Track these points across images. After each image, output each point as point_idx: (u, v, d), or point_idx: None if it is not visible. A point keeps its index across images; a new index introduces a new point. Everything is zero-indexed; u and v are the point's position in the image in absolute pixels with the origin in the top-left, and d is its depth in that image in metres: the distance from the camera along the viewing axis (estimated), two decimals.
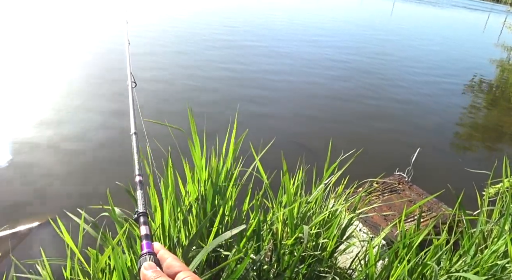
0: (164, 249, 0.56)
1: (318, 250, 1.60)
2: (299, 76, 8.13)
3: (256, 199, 1.57)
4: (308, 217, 1.78)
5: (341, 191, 2.02)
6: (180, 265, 0.52)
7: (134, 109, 1.02)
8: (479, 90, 9.32)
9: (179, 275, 0.50)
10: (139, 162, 0.81)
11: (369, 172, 2.36)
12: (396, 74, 9.34)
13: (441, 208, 2.49)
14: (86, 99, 5.59)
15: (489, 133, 6.49)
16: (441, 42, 16.10)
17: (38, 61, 7.11)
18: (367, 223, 2.24)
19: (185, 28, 11.57)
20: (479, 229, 1.88)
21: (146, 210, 0.63)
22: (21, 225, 3.01)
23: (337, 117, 6.14)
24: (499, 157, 2.49)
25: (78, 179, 3.72)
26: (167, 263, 0.53)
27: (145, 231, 0.58)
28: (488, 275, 1.59)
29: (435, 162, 4.88)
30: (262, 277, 1.51)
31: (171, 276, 0.50)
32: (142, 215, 0.61)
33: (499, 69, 12.56)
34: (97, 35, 9.51)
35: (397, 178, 2.86)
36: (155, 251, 0.55)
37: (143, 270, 0.51)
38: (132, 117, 0.99)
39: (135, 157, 0.82)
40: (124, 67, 1.51)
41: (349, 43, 13.05)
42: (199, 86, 6.65)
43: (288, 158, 1.75)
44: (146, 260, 0.52)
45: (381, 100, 7.28)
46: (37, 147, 4.16)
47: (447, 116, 6.90)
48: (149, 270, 0.50)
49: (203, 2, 18.06)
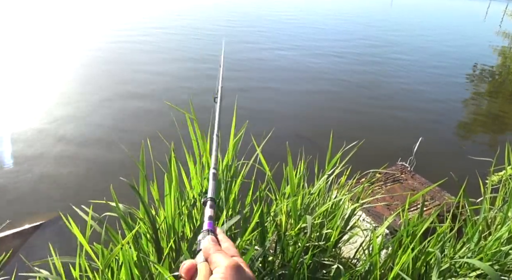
0: (223, 234, 0.60)
1: (322, 241, 1.61)
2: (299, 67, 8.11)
3: (259, 191, 1.58)
4: (312, 208, 1.79)
5: (343, 182, 2.03)
6: (236, 251, 0.55)
7: (220, 118, 1.22)
8: (481, 79, 9.27)
9: (233, 258, 0.52)
10: (216, 158, 0.93)
11: (372, 162, 2.36)
12: (396, 64, 9.29)
13: (444, 196, 2.49)
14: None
15: (492, 121, 6.46)
16: (441, 31, 15.99)
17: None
18: (370, 213, 2.25)
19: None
20: (482, 216, 1.88)
21: (214, 196, 0.72)
22: (25, 224, 3.03)
23: (339, 108, 6.12)
24: (502, 145, 2.49)
25: (83, 176, 3.74)
26: (225, 246, 0.56)
27: (210, 213, 0.66)
28: (492, 261, 1.59)
29: (438, 151, 4.87)
30: (267, 268, 1.52)
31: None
32: (210, 199, 0.71)
33: (500, 57, 12.48)
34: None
35: (400, 168, 2.86)
36: (216, 232, 0.60)
37: (206, 242, 0.55)
38: (216, 124, 1.16)
39: (213, 154, 0.95)
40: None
41: (347, 34, 12.99)
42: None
43: (290, 149, 1.76)
44: (209, 234, 0.58)
45: (382, 89, 7.26)
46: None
47: (449, 105, 6.88)
48: (211, 243, 0.54)
49: None
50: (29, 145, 4.17)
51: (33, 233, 2.98)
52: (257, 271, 1.53)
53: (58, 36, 9.55)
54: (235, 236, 1.66)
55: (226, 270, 0.47)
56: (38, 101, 5.44)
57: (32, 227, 3.01)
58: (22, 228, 2.98)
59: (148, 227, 1.53)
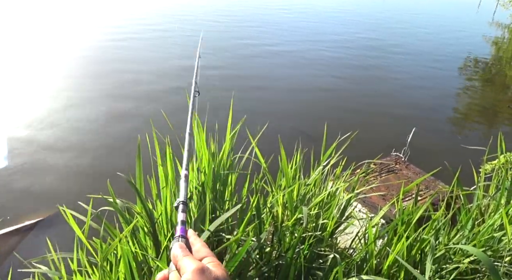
0: (195, 235, 0.61)
1: (318, 231, 1.63)
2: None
3: (255, 183, 1.59)
4: (308, 199, 1.81)
5: (339, 173, 2.04)
6: (207, 251, 0.56)
7: (192, 114, 1.16)
8: (474, 69, 9.31)
9: (205, 259, 0.54)
10: (188, 159, 0.89)
11: (367, 154, 2.38)
12: (390, 58, 9.31)
13: (438, 185, 2.53)
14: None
15: (485, 111, 6.51)
16: (434, 24, 16.01)
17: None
18: (366, 203, 2.27)
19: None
20: (475, 204, 1.91)
21: (186, 200, 0.71)
22: (24, 221, 3.03)
23: (333, 100, 6.14)
24: (494, 134, 2.51)
25: (82, 172, 3.74)
26: (196, 248, 0.57)
27: (182, 218, 0.66)
28: (485, 247, 1.62)
29: (432, 142, 4.91)
30: (264, 259, 1.54)
31: (198, 259, 0.54)
32: (182, 203, 0.69)
33: (494, 47, 12.53)
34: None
35: (394, 159, 2.89)
36: (187, 236, 0.61)
37: (174, 248, 0.56)
38: (189, 120, 1.12)
39: (185, 154, 0.91)
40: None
41: (344, 27, 12.98)
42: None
43: (286, 142, 1.77)
44: (178, 241, 0.58)
45: (376, 82, 7.28)
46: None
47: (443, 96, 6.91)
48: (178, 249, 0.55)
49: None
50: (28, 143, 4.16)
51: (31, 230, 2.99)
52: (254, 262, 1.54)
53: (45, 35, 9.46)
54: (232, 228, 1.67)
55: (192, 274, 0.49)
56: (31, 97, 5.41)
57: (31, 224, 3.02)
58: (20, 225, 2.98)
59: (146, 221, 1.54)
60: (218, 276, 0.50)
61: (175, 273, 0.53)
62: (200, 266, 0.50)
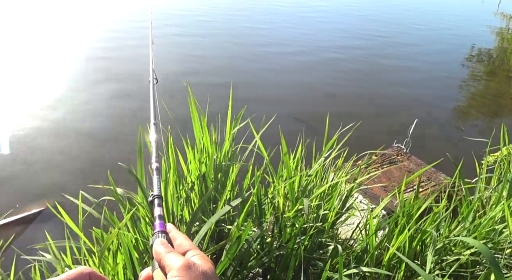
0: (175, 229, 0.60)
1: (319, 221, 1.63)
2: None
3: (256, 175, 1.59)
4: (309, 190, 1.81)
5: (340, 164, 2.04)
6: (190, 244, 0.55)
7: (154, 101, 1.14)
8: (478, 60, 9.23)
9: (188, 253, 0.53)
10: (157, 150, 0.87)
11: (368, 145, 2.37)
12: (393, 47, 9.23)
13: (439, 177, 2.52)
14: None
15: (488, 103, 6.47)
16: (439, 13, 15.83)
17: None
18: (367, 194, 2.27)
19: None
20: (477, 196, 1.91)
21: (161, 193, 0.69)
22: (27, 211, 3.05)
23: (335, 90, 6.11)
24: (497, 126, 2.49)
25: (83, 161, 3.75)
26: (178, 242, 0.56)
27: (158, 212, 0.64)
28: (486, 239, 1.62)
29: (434, 133, 4.89)
30: (264, 249, 1.55)
31: (181, 254, 0.53)
32: (157, 197, 0.68)
33: (498, 38, 12.40)
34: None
35: (396, 150, 2.88)
36: (167, 231, 0.59)
37: (155, 246, 0.54)
38: (152, 109, 1.11)
39: (153, 146, 0.89)
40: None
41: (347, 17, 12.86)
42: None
43: (288, 133, 1.77)
44: (158, 237, 0.56)
45: (378, 72, 7.23)
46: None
47: (445, 87, 6.86)
48: (160, 246, 0.53)
49: None
50: (30, 131, 4.16)
51: (34, 219, 3.01)
52: (256, 252, 1.55)
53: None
54: (233, 219, 1.68)
55: (179, 272, 0.47)
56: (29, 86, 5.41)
57: (33, 213, 3.04)
58: (24, 214, 3.00)
59: (147, 211, 1.54)
60: (206, 270, 0.49)
61: (158, 271, 0.52)
62: (186, 262, 0.49)
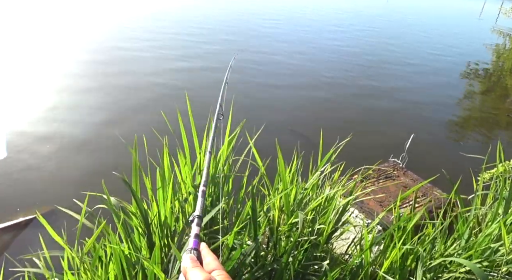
0: (207, 249, 0.64)
1: (314, 235, 1.62)
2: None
3: (251, 187, 1.58)
4: (305, 203, 1.80)
5: (337, 178, 2.04)
6: (217, 264, 0.59)
7: (214, 135, 1.22)
8: (475, 77, 9.32)
9: (214, 272, 0.56)
10: (207, 175, 0.94)
11: (365, 159, 2.37)
12: (390, 62, 9.31)
13: (435, 192, 2.52)
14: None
15: (484, 120, 6.51)
16: (436, 29, 16.04)
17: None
18: (363, 209, 2.26)
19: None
20: (473, 213, 1.90)
21: (202, 214, 0.74)
22: (19, 217, 3.01)
23: (333, 106, 6.14)
24: (493, 143, 2.50)
25: (79, 170, 3.73)
26: (207, 261, 0.60)
27: (196, 231, 0.69)
28: (481, 258, 1.61)
29: (430, 148, 4.90)
30: (259, 262, 1.53)
31: (207, 272, 0.56)
32: (198, 217, 0.73)
33: (495, 55, 12.55)
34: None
35: (392, 165, 2.88)
36: (199, 249, 0.63)
37: (184, 260, 0.59)
38: (211, 140, 1.18)
39: (205, 172, 0.96)
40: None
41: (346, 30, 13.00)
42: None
43: (285, 144, 1.76)
44: (189, 253, 0.61)
45: (376, 87, 7.27)
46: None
47: (442, 103, 6.91)
48: (188, 261, 0.58)
49: None
50: (27, 138, 4.14)
51: (26, 226, 2.97)
52: (249, 265, 1.53)
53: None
54: (227, 231, 1.66)
55: None
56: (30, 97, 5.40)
57: (25, 220, 3.00)
58: (15, 221, 2.96)
59: (140, 221, 1.52)
60: None
61: None
62: (208, 277, 0.53)
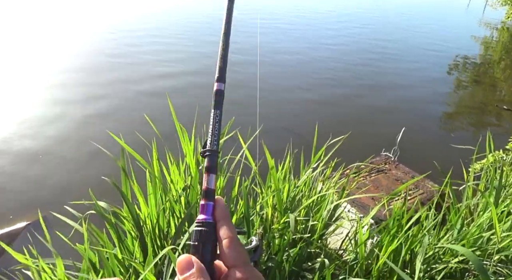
0: (227, 220, 0.41)
1: (308, 233, 1.62)
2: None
3: (244, 186, 1.57)
4: (298, 200, 1.79)
5: (329, 174, 2.04)
6: (242, 256, 0.40)
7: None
8: (463, 69, 9.40)
9: (231, 271, 0.39)
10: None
11: (357, 154, 2.37)
12: (380, 57, 9.35)
13: (427, 185, 2.53)
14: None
15: (474, 111, 6.57)
16: (424, 22, 16.14)
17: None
18: (356, 204, 2.27)
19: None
20: (465, 204, 1.91)
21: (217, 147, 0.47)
22: (12, 225, 2.98)
23: (324, 100, 6.15)
24: (483, 133, 2.52)
25: (71, 175, 3.69)
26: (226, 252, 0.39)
27: (207, 184, 0.44)
28: (474, 247, 1.62)
29: (421, 141, 4.93)
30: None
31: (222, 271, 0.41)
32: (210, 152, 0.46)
33: (482, 46, 12.67)
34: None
35: (384, 159, 2.89)
36: (215, 214, 0.41)
37: (178, 262, 0.38)
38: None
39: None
40: None
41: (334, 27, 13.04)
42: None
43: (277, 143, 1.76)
44: (192, 248, 0.40)
45: (366, 82, 7.30)
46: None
47: (432, 95, 6.96)
48: (183, 266, 0.38)
49: None
50: (17, 145, 4.09)
51: (18, 235, 2.93)
52: None
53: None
54: None
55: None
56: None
57: (19, 228, 2.96)
58: (8, 229, 2.93)
59: (133, 225, 1.51)
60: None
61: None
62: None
